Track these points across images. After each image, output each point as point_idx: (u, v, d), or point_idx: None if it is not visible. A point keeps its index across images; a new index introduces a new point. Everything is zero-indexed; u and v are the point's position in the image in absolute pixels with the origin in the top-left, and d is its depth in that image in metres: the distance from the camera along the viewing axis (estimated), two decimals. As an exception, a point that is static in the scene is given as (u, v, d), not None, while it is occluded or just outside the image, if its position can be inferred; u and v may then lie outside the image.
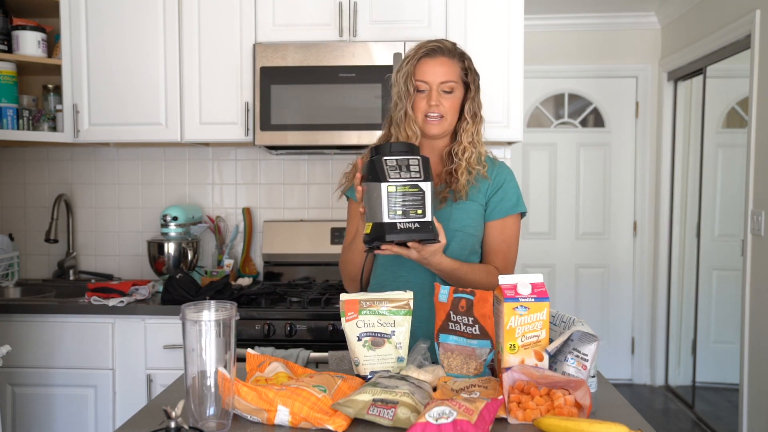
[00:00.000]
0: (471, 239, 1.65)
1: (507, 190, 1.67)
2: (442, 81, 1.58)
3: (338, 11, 2.57)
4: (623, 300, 4.56)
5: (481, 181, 1.66)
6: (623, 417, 1.16)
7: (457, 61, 1.61)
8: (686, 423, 3.84)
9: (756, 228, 3.03)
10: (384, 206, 1.32)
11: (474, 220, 1.65)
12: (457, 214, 1.63)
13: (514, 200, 1.67)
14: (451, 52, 1.61)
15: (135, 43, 2.63)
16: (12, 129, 2.67)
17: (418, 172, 1.35)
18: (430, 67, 1.59)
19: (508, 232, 1.67)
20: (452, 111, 1.61)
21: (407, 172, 1.34)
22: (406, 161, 1.35)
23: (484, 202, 1.66)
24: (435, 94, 1.58)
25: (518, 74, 2.59)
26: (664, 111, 4.31)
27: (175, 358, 2.39)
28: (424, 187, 1.35)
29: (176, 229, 2.73)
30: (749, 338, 3.10)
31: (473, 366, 1.32)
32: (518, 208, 1.68)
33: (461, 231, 1.63)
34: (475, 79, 1.64)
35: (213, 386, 1.09)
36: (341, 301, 1.36)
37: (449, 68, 1.59)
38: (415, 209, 1.34)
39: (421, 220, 1.35)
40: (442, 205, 1.62)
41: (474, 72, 1.65)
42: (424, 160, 1.38)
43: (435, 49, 1.60)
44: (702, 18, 3.73)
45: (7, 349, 2.01)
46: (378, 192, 1.33)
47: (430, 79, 1.58)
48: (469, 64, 1.64)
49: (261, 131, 2.54)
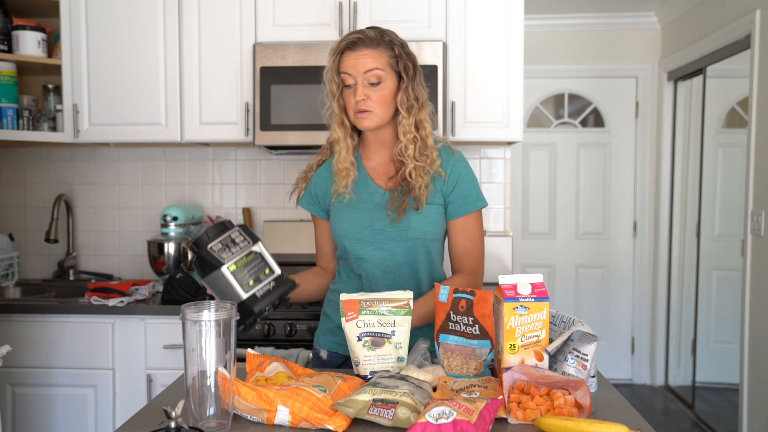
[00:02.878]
0: (431, 243, 1.61)
1: (464, 187, 1.59)
2: (366, 71, 1.50)
3: (338, 11, 2.57)
4: (623, 300, 4.56)
5: (437, 179, 1.58)
6: (623, 417, 1.16)
7: (383, 50, 1.52)
8: (686, 423, 3.84)
9: (756, 228, 3.03)
10: (236, 286, 1.32)
11: (434, 224, 1.59)
12: (416, 222, 1.57)
13: (474, 196, 1.60)
14: (375, 41, 1.52)
15: (135, 43, 2.63)
16: (12, 129, 2.67)
17: (244, 240, 1.36)
18: (352, 60, 1.51)
19: (471, 229, 1.61)
20: (381, 103, 1.52)
21: (236, 246, 1.35)
22: (228, 238, 1.35)
23: (442, 201, 1.59)
24: (360, 88, 1.51)
25: (518, 74, 2.59)
26: (664, 111, 4.31)
27: (175, 358, 2.39)
28: (257, 248, 1.36)
29: (176, 229, 2.73)
30: (749, 338, 3.10)
31: (473, 366, 1.32)
32: (478, 203, 1.61)
33: (421, 239, 1.58)
34: (407, 65, 1.54)
35: (213, 386, 1.09)
36: (341, 301, 1.36)
37: (373, 58, 1.50)
38: (262, 271, 1.37)
39: (273, 277, 1.37)
40: (401, 215, 1.55)
41: (407, 58, 1.54)
42: (243, 227, 1.39)
43: (355, 41, 1.52)
44: (702, 18, 3.73)
45: (7, 349, 2.01)
46: (223, 278, 1.32)
47: (352, 72, 1.51)
48: (401, 51, 1.54)
49: (261, 131, 2.54)
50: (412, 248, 1.59)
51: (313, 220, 1.76)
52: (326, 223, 1.70)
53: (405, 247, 1.59)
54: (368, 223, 1.59)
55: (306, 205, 1.72)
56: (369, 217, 1.60)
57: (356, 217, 1.60)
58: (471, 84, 2.58)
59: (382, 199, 1.60)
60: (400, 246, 1.59)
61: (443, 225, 1.62)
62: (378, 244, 1.60)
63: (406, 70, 1.54)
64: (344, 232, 1.61)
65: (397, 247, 1.59)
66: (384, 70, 1.52)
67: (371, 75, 1.51)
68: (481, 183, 2.92)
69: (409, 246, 1.58)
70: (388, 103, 1.54)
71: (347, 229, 1.61)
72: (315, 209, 1.71)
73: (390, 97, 1.54)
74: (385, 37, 1.54)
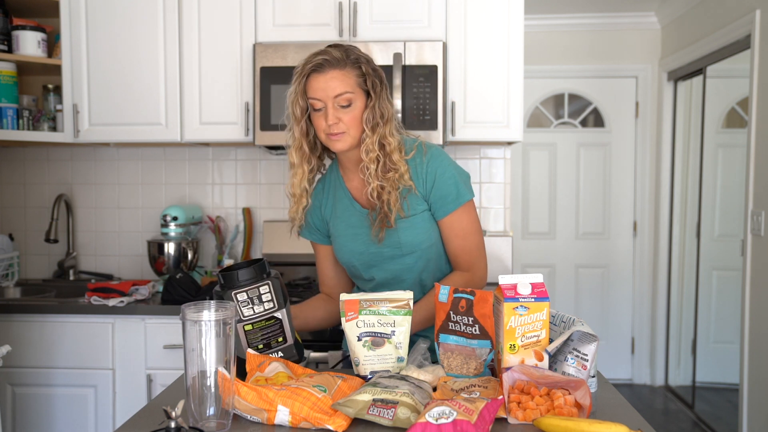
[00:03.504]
0: (429, 251, 1.59)
1: (442, 186, 1.53)
2: (336, 95, 1.45)
3: (338, 11, 2.57)
4: (623, 300, 4.56)
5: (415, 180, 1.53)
6: (623, 417, 1.16)
7: (350, 69, 1.47)
8: (686, 423, 3.84)
9: (756, 228, 3.03)
10: (243, 343, 1.31)
11: (425, 232, 1.56)
12: (406, 236, 1.54)
13: (454, 192, 1.54)
14: (342, 62, 1.46)
15: (135, 43, 2.63)
16: (12, 129, 2.67)
17: (270, 300, 1.31)
18: (321, 84, 1.45)
19: (459, 225, 1.57)
20: (353, 124, 1.47)
21: (260, 305, 1.31)
22: (256, 291, 1.31)
23: (426, 205, 1.55)
24: (331, 111, 1.45)
25: (518, 74, 2.59)
26: (664, 111, 4.31)
27: (175, 358, 2.39)
28: (280, 315, 1.33)
29: (176, 229, 2.73)
30: (749, 338, 3.10)
31: (473, 366, 1.32)
32: (461, 198, 1.54)
33: (415, 251, 1.57)
34: (375, 83, 1.49)
35: (213, 386, 1.09)
36: (341, 301, 1.36)
37: (341, 81, 1.45)
38: (275, 338, 1.35)
39: (283, 346, 1.35)
40: (383, 234, 1.52)
41: (374, 75, 1.49)
42: (274, 283, 1.33)
43: (322, 63, 1.46)
44: (702, 18, 3.73)
45: (7, 349, 2.01)
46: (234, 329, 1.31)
47: (321, 96, 1.45)
48: (367, 68, 1.49)
49: (261, 131, 2.54)
50: (411, 261, 1.58)
51: (314, 248, 1.73)
52: (326, 247, 1.69)
53: (403, 262, 1.59)
54: (363, 249, 1.59)
55: (308, 235, 1.70)
56: (362, 242, 1.59)
57: (351, 244, 1.60)
58: (471, 84, 2.58)
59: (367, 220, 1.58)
60: (398, 263, 1.59)
61: (435, 228, 1.59)
62: (380, 266, 1.60)
63: (374, 88, 1.49)
64: (346, 259, 1.63)
65: (396, 265, 1.59)
66: (353, 92, 1.47)
67: (342, 99, 1.46)
68: (481, 183, 2.92)
69: (407, 261, 1.58)
70: (358, 124, 1.49)
71: (348, 257, 1.62)
72: (317, 237, 1.69)
73: (360, 116, 1.49)
74: (351, 56, 1.49)
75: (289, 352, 1.37)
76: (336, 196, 1.64)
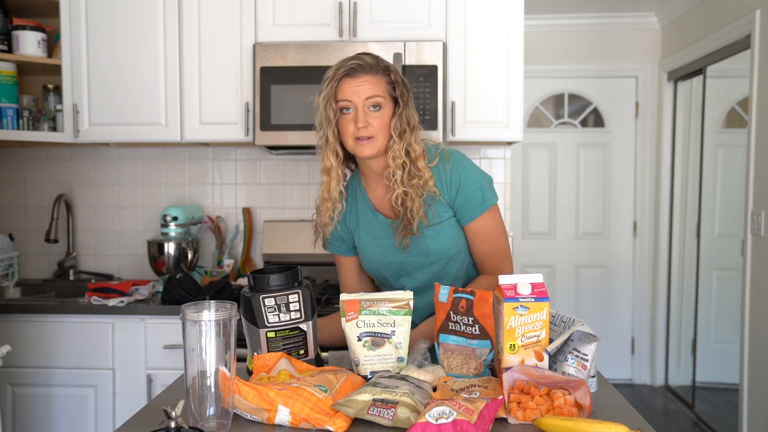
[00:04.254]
0: (456, 257, 1.59)
1: (467, 191, 1.55)
2: (367, 97, 1.48)
3: (338, 11, 2.57)
4: (623, 300, 4.56)
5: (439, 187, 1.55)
6: (623, 417, 1.16)
7: (381, 76, 1.50)
8: (686, 423, 3.84)
9: (756, 228, 3.03)
10: (265, 350, 1.30)
11: (452, 239, 1.57)
12: (433, 244, 1.56)
13: (479, 197, 1.56)
14: (374, 68, 1.50)
15: (135, 43, 2.63)
16: (12, 129, 2.67)
17: (298, 311, 1.30)
18: (353, 87, 1.48)
19: (485, 230, 1.58)
20: (383, 129, 1.50)
21: (287, 313, 1.29)
22: (285, 299, 1.29)
23: (452, 211, 1.57)
24: (362, 115, 1.48)
25: (518, 74, 2.59)
26: (664, 111, 4.31)
27: (175, 358, 2.39)
28: (305, 327, 1.31)
29: (176, 229, 2.73)
30: (749, 338, 3.10)
31: (473, 366, 1.32)
32: (486, 203, 1.56)
33: (443, 258, 1.58)
34: (403, 92, 1.52)
35: (213, 386, 1.09)
36: (341, 301, 1.36)
37: (373, 84, 1.49)
38: (297, 350, 1.32)
39: (304, 360, 1.33)
40: (407, 241, 1.53)
41: (402, 84, 1.53)
42: (305, 293, 1.32)
43: (355, 67, 1.49)
44: (702, 18, 3.73)
45: (7, 349, 2.01)
46: (257, 335, 1.28)
47: (353, 99, 1.48)
48: (396, 77, 1.53)
49: (261, 131, 2.54)
50: (439, 269, 1.58)
51: (338, 261, 1.73)
52: (351, 259, 1.69)
53: (432, 270, 1.59)
54: (391, 260, 1.60)
55: (334, 249, 1.70)
56: (390, 253, 1.60)
57: (378, 256, 1.61)
58: (471, 84, 2.58)
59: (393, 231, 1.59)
60: (427, 272, 1.60)
61: (462, 235, 1.59)
62: (408, 273, 1.61)
63: (402, 96, 1.52)
64: (375, 270, 1.64)
65: (424, 274, 1.60)
66: (383, 97, 1.50)
67: (372, 101, 1.49)
68: (481, 183, 2.92)
69: (436, 269, 1.58)
70: (386, 130, 1.51)
71: (376, 269, 1.63)
72: (343, 249, 1.69)
73: (388, 123, 1.51)
74: (381, 63, 1.52)
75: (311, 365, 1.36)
76: (358, 209, 1.65)
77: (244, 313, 1.32)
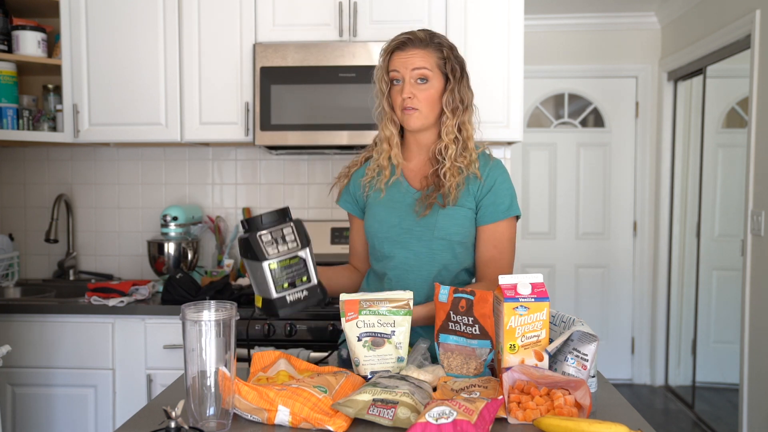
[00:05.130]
0: (458, 247, 1.58)
1: (498, 193, 1.58)
2: (414, 68, 1.53)
3: (338, 11, 2.57)
4: (623, 300, 4.56)
5: (471, 182, 1.58)
6: (623, 417, 1.16)
7: (432, 50, 1.54)
8: (686, 423, 3.84)
9: (756, 228, 3.03)
10: (270, 283, 1.34)
11: (461, 227, 1.57)
12: (443, 222, 1.56)
13: (507, 203, 1.58)
14: (424, 42, 1.55)
15: (135, 43, 2.63)
16: (12, 129, 2.67)
17: (294, 241, 1.36)
18: (402, 59, 1.54)
19: (500, 237, 1.58)
20: (428, 103, 1.54)
21: (284, 245, 1.35)
22: (280, 232, 1.35)
23: (474, 205, 1.58)
24: (408, 86, 1.53)
25: (518, 74, 2.59)
26: (664, 111, 4.31)
27: (175, 358, 2.39)
28: (304, 254, 1.36)
29: (176, 229, 2.73)
30: (749, 338, 3.10)
31: (473, 366, 1.32)
32: (511, 211, 1.59)
33: (446, 239, 1.57)
34: (455, 68, 1.56)
35: (213, 386, 1.09)
36: (341, 301, 1.36)
37: (421, 57, 1.53)
38: (300, 278, 1.37)
39: (308, 286, 1.38)
40: (428, 211, 1.55)
41: (455, 60, 1.57)
42: (297, 224, 1.38)
43: (405, 41, 1.55)
44: (702, 18, 3.74)
45: (7, 349, 2.01)
46: (260, 271, 1.33)
47: (401, 69, 1.54)
48: (449, 53, 1.56)
49: (261, 131, 2.54)
50: (437, 249, 1.57)
51: (350, 219, 1.77)
52: (361, 222, 1.71)
53: (430, 247, 1.58)
54: (396, 222, 1.60)
55: (344, 204, 1.74)
56: (398, 216, 1.60)
57: (386, 215, 1.61)
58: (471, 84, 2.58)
59: (413, 199, 1.60)
60: (425, 246, 1.58)
61: (471, 230, 1.59)
62: (404, 243, 1.60)
63: (453, 72, 1.55)
64: (374, 231, 1.63)
65: (422, 248, 1.58)
66: (432, 71, 1.54)
67: (418, 73, 1.53)
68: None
69: (434, 247, 1.57)
70: (433, 104, 1.55)
71: (377, 228, 1.63)
72: (352, 208, 1.72)
73: (436, 97, 1.55)
74: (435, 39, 1.56)
75: (314, 293, 1.39)
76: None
77: (245, 253, 1.36)
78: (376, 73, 1.60)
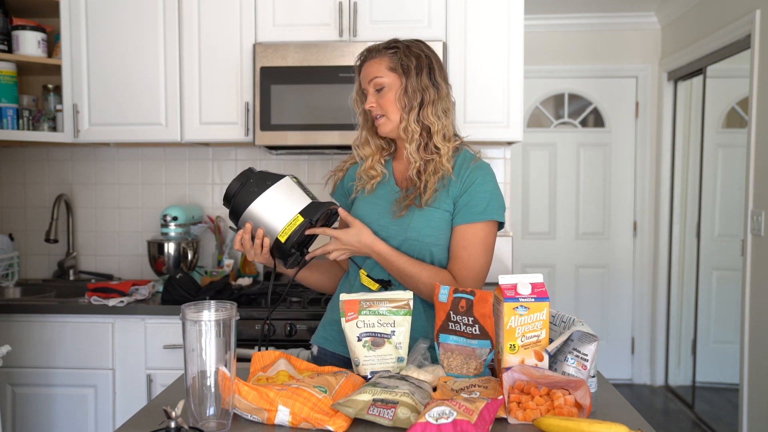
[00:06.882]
0: (431, 248, 1.56)
1: (475, 194, 1.53)
2: (370, 80, 1.57)
3: (338, 11, 2.57)
4: (623, 300, 4.56)
5: (453, 184, 1.54)
6: (623, 417, 1.16)
7: (384, 56, 1.56)
8: (686, 423, 3.84)
9: (756, 228, 3.03)
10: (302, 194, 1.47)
11: (434, 228, 1.54)
12: (417, 223, 1.54)
13: (483, 206, 1.52)
14: (379, 51, 1.57)
15: (135, 43, 2.63)
16: (12, 129, 2.67)
17: (271, 176, 1.47)
18: (363, 74, 1.60)
19: (471, 239, 1.52)
20: (388, 107, 1.56)
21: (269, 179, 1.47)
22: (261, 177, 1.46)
23: (451, 207, 1.55)
24: (369, 97, 1.58)
25: (518, 74, 2.59)
26: (664, 111, 4.31)
27: (175, 358, 2.39)
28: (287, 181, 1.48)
29: (176, 229, 2.73)
30: (749, 338, 3.10)
31: (473, 366, 1.32)
32: (486, 215, 1.52)
33: (417, 240, 1.54)
34: (407, 65, 1.53)
35: (213, 386, 1.09)
36: (341, 301, 1.36)
37: (375, 66, 1.56)
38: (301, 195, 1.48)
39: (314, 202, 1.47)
40: (404, 212, 1.54)
41: (406, 58, 1.54)
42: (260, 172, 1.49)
43: (365, 55, 1.60)
44: (702, 18, 3.73)
45: (7, 349, 2.01)
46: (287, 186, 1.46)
47: (363, 83, 1.59)
48: (403, 53, 1.55)
49: (261, 131, 2.54)
50: (410, 249, 1.56)
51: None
52: None
53: (404, 247, 1.57)
54: (375, 219, 1.60)
55: (337, 197, 1.76)
56: (378, 213, 1.61)
57: (366, 211, 1.62)
58: (471, 84, 2.58)
59: (395, 198, 1.61)
60: (399, 245, 1.57)
61: (447, 233, 1.56)
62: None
63: (405, 69, 1.54)
64: None
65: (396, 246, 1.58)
66: (385, 76, 1.55)
67: (374, 83, 1.56)
68: (481, 183, 2.92)
69: (407, 247, 1.57)
70: (394, 106, 1.56)
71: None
72: (344, 202, 1.74)
73: (394, 99, 1.56)
74: (391, 44, 1.58)
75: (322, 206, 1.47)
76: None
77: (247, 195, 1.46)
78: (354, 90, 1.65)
